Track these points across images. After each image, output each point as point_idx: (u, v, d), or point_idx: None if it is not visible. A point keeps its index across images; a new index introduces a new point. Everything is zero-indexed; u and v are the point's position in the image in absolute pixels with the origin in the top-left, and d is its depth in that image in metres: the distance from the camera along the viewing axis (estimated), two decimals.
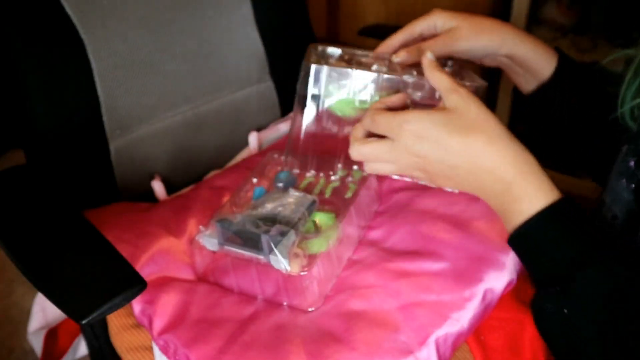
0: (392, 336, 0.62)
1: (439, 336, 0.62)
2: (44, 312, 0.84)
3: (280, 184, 0.77)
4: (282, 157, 0.82)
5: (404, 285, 0.67)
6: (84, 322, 0.52)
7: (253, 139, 1.03)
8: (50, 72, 0.81)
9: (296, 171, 0.81)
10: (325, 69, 0.71)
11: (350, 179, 0.80)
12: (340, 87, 0.71)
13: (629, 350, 0.47)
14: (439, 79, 0.58)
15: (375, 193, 0.81)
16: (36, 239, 0.63)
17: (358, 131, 0.61)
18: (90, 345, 0.70)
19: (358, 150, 0.60)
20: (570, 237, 0.52)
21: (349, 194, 0.76)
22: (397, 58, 0.69)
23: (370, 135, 0.60)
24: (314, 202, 0.72)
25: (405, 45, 0.72)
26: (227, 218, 0.68)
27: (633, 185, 0.60)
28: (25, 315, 1.48)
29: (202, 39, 0.97)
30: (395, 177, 0.66)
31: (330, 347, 0.60)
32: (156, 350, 0.65)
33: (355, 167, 0.81)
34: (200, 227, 0.69)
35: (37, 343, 0.85)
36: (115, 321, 0.72)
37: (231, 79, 1.02)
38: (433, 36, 0.71)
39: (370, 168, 0.61)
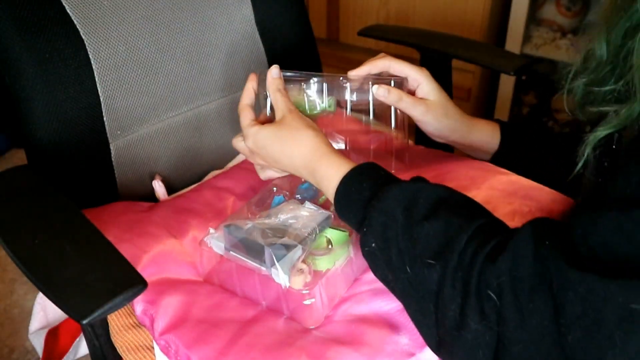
0: (394, 338, 0.62)
1: None
2: (44, 311, 0.84)
3: (298, 196, 0.77)
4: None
5: None
6: (84, 322, 0.53)
7: None
8: (51, 73, 0.81)
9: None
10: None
11: None
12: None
13: (424, 249, 0.54)
14: (278, 100, 0.74)
15: None
16: (37, 238, 0.63)
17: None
18: (90, 344, 0.70)
19: (235, 143, 0.78)
20: (364, 186, 0.62)
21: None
22: (376, 91, 0.78)
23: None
24: (328, 217, 0.71)
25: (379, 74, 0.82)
26: (236, 224, 0.68)
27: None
28: (26, 314, 1.49)
29: (202, 39, 0.97)
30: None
31: (332, 350, 0.60)
32: (157, 349, 0.65)
33: None
34: (210, 228, 0.69)
35: (38, 343, 0.85)
36: (116, 321, 0.73)
37: (231, 79, 1.02)
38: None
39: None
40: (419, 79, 0.79)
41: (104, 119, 0.87)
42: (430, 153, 0.96)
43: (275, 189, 0.79)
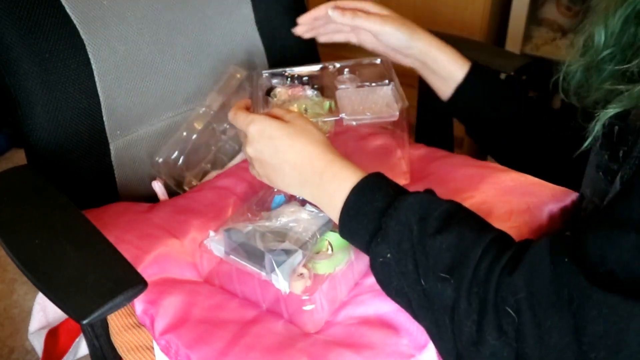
0: (394, 340, 0.62)
1: None
2: (44, 312, 0.84)
3: (301, 196, 0.77)
4: None
5: None
6: (84, 322, 0.53)
7: None
8: (51, 73, 0.81)
9: None
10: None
11: None
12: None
13: (437, 262, 0.54)
14: (276, 111, 0.70)
15: None
16: (37, 238, 0.63)
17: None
18: (90, 345, 0.70)
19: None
20: (376, 197, 0.60)
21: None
22: (332, 12, 0.83)
23: None
24: (328, 221, 0.70)
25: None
26: (236, 227, 0.67)
27: (610, 177, 0.62)
28: (26, 315, 1.49)
29: (202, 39, 0.97)
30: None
31: (333, 351, 0.60)
32: (157, 350, 0.65)
33: None
34: (210, 232, 0.69)
35: (37, 343, 0.85)
36: (116, 321, 0.73)
37: None
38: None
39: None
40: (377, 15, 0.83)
41: (104, 119, 0.87)
42: (430, 152, 0.95)
43: (276, 188, 0.79)
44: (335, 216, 0.63)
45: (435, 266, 0.53)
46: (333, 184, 0.63)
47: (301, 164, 0.65)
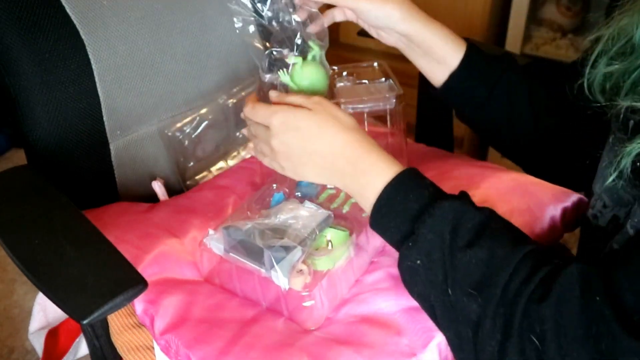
0: (395, 339, 0.62)
1: (442, 339, 0.62)
2: (44, 312, 0.84)
3: (299, 194, 0.77)
4: None
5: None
6: (84, 322, 0.53)
7: None
8: (51, 73, 0.81)
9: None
10: None
11: None
12: None
13: (465, 276, 0.53)
14: (295, 99, 0.65)
15: None
16: (37, 238, 0.63)
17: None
18: (90, 345, 0.70)
19: (250, 129, 0.69)
20: (410, 197, 0.58)
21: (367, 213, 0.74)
22: None
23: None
24: (328, 217, 0.70)
25: None
26: (235, 225, 0.67)
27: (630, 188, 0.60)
28: (26, 314, 1.49)
29: (202, 39, 0.97)
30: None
31: (333, 350, 0.60)
32: (157, 349, 0.65)
33: None
34: (210, 230, 0.69)
35: (37, 343, 0.85)
36: (117, 321, 0.73)
37: (231, 79, 1.02)
38: None
39: (256, 148, 0.69)
40: None
41: (104, 119, 0.87)
42: (430, 152, 0.96)
43: (275, 186, 0.79)
44: (366, 207, 0.62)
45: (463, 280, 0.53)
46: (367, 176, 0.61)
47: (332, 153, 0.62)
